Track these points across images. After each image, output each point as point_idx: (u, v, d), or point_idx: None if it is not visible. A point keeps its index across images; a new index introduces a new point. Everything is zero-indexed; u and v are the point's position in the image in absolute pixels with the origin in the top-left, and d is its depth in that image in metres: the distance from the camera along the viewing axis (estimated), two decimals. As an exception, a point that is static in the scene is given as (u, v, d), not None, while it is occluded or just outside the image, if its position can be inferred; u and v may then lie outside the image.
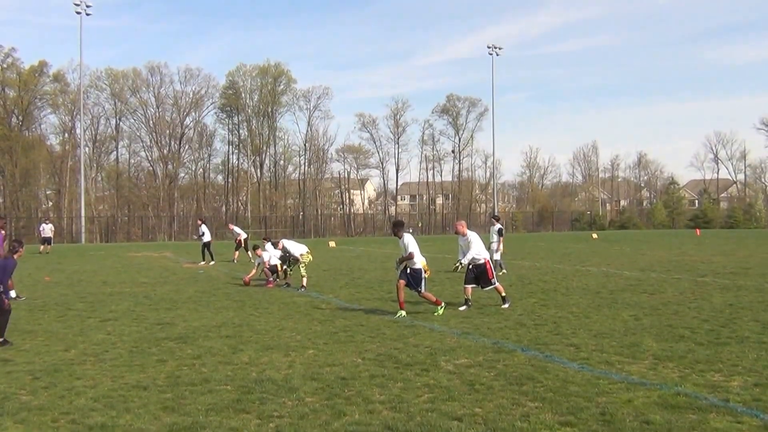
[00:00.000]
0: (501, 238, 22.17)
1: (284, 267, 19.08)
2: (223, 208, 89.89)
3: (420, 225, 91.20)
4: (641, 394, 7.21)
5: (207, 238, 28.50)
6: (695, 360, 8.71)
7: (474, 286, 13.94)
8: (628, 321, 11.93)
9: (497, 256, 21.46)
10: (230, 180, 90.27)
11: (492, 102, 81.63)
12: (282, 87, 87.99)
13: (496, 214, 26.49)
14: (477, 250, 13.77)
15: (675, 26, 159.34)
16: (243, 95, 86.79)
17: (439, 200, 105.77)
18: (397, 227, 13.59)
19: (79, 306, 15.07)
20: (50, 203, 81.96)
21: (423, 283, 13.23)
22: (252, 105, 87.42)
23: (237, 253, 29.56)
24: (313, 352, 9.64)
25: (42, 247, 38.77)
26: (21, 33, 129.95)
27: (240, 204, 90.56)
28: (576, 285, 17.94)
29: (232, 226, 32.31)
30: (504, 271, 21.47)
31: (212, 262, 27.63)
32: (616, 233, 70.97)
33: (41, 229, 41.29)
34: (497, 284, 14.03)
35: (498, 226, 22.50)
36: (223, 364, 8.98)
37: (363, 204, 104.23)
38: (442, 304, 13.28)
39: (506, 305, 13.87)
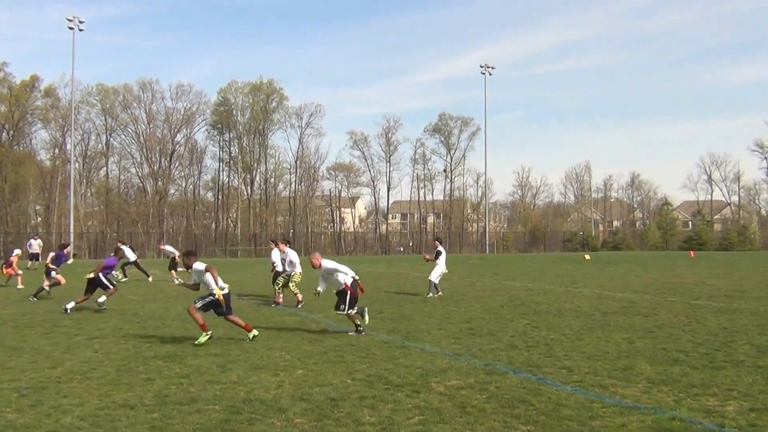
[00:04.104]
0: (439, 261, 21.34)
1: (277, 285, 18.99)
2: (213, 225, 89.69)
3: (408, 247, 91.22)
4: (635, 418, 7.12)
5: (132, 257, 28.91)
6: (690, 384, 8.63)
7: (351, 311, 13.16)
8: (622, 344, 11.85)
9: (435, 278, 21.10)
10: (220, 197, 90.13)
11: (484, 121, 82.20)
12: (274, 104, 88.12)
13: (438, 236, 26.66)
14: (342, 278, 13.19)
15: (669, 48, 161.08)
16: (234, 112, 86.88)
17: (431, 219, 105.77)
18: (189, 257, 12.80)
19: (67, 323, 14.91)
20: (39, 219, 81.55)
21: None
22: (243, 122, 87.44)
23: (173, 272, 29.02)
24: (303, 372, 9.53)
25: (30, 263, 38.45)
26: (13, 47, 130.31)
27: (230, 221, 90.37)
28: (568, 307, 17.86)
29: (163, 246, 32.10)
30: (440, 293, 20.99)
31: (149, 278, 28.31)
32: (608, 254, 71.08)
33: (29, 244, 40.96)
34: (350, 312, 13.12)
35: (440, 248, 21.95)
36: (212, 383, 8.86)
37: (354, 222, 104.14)
38: (253, 331, 12.44)
39: (357, 333, 12.98)
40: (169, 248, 30.47)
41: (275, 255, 19.61)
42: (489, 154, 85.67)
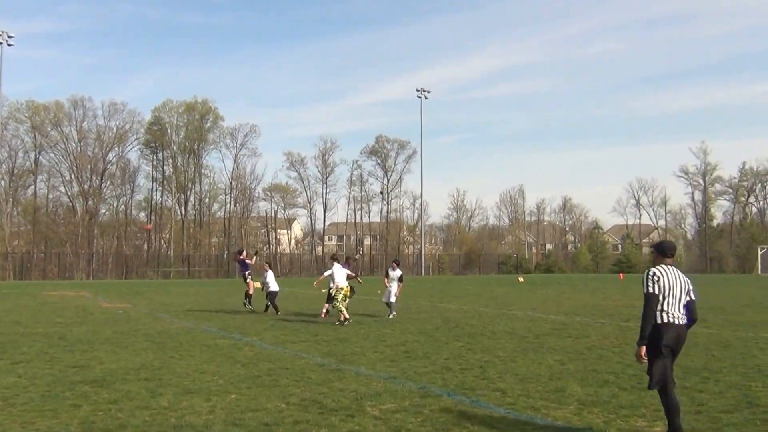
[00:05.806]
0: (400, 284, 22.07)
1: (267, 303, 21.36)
2: (145, 246, 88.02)
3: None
4: (567, 440, 7.20)
5: None
6: (619, 405, 8.78)
7: None
8: (554, 366, 12.01)
9: (393, 299, 21.60)
10: (153, 217, 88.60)
11: (420, 144, 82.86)
12: (209, 124, 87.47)
13: (396, 258, 27.47)
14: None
15: (601, 75, 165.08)
16: (169, 131, 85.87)
17: (367, 241, 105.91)
18: None
19: (-11, 347, 14.38)
20: (-38, 238, 78.85)
21: None
22: (178, 141, 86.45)
23: None
24: (236, 397, 9.37)
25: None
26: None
27: (163, 242, 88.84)
28: (502, 329, 18.04)
29: None
30: (394, 313, 21.38)
31: None
32: (541, 276, 72.19)
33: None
34: None
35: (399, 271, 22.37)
36: (141, 408, 8.63)
37: (290, 244, 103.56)
38: None
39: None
40: None
41: (269, 276, 21.84)
42: (425, 177, 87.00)
